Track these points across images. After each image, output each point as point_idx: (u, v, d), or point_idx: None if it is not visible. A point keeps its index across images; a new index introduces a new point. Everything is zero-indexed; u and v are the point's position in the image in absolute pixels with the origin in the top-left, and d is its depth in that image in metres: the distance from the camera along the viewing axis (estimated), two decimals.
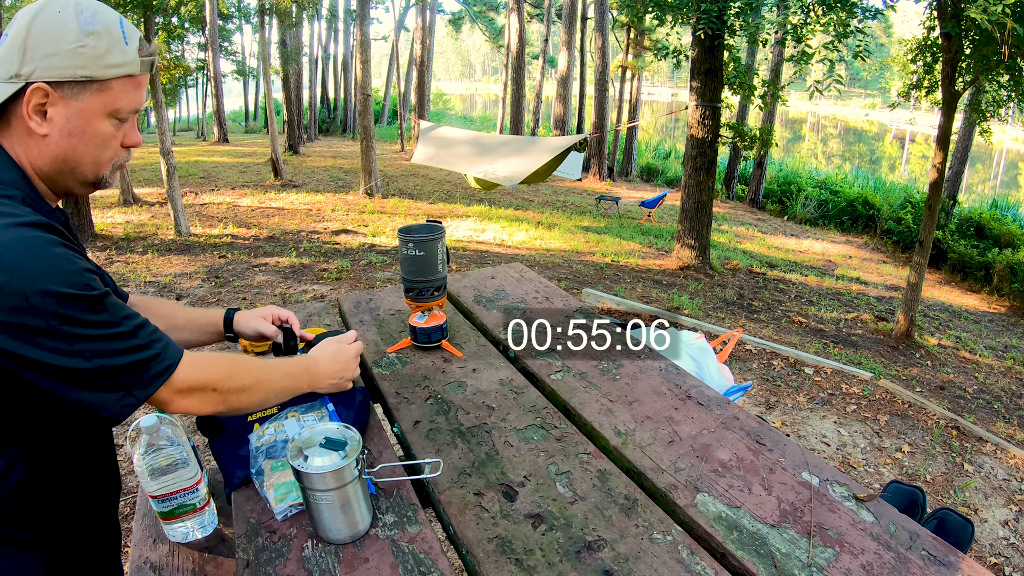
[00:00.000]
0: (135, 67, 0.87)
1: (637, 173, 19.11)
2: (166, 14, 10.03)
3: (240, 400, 0.97)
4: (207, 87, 26.21)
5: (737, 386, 2.42)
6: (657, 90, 68.17)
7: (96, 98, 0.85)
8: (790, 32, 6.83)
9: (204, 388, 0.91)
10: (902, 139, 39.31)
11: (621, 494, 1.05)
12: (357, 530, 0.96)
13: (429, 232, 1.53)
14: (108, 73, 0.84)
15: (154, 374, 0.85)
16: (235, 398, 0.96)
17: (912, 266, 6.37)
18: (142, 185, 11.65)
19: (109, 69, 0.84)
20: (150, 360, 0.85)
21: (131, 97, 0.89)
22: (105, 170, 0.91)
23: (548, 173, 6.56)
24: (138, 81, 0.89)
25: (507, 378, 1.43)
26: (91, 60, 0.82)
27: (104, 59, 0.83)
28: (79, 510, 0.99)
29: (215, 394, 0.93)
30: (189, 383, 0.89)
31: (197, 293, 5.71)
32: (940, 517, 1.82)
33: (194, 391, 0.90)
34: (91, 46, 0.82)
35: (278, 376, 1.04)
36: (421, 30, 20.25)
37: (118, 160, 0.93)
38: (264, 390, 1.01)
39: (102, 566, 1.11)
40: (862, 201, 14.88)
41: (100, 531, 1.07)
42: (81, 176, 0.89)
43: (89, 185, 0.92)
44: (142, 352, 0.84)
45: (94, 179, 0.91)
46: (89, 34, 0.82)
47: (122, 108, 0.88)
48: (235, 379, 0.95)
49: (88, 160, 0.88)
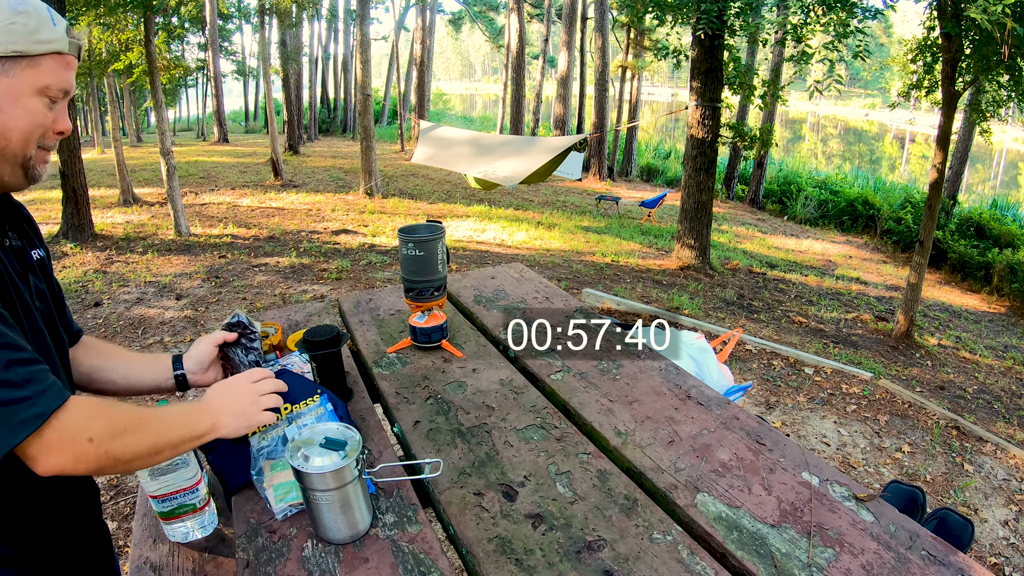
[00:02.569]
0: (63, 44, 0.89)
1: (637, 173, 19.10)
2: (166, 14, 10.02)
3: (124, 450, 0.84)
4: (207, 87, 26.23)
5: (737, 386, 2.42)
6: (657, 90, 68.15)
7: (27, 74, 0.86)
8: (790, 32, 6.83)
9: (77, 438, 0.79)
10: (902, 139, 39.30)
11: (621, 494, 1.05)
12: (357, 530, 0.96)
13: (429, 232, 1.53)
14: (38, 48, 0.86)
15: (20, 421, 0.74)
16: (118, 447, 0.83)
17: (912, 266, 6.37)
18: (142, 185, 11.65)
19: (39, 45, 0.86)
20: (18, 402, 0.75)
21: (60, 76, 0.89)
22: (32, 148, 0.89)
23: (548, 173, 6.56)
24: (67, 60, 0.90)
25: (507, 378, 1.43)
26: (22, 36, 0.84)
27: (34, 35, 0.85)
28: (54, 519, 0.99)
29: (90, 446, 0.80)
30: (63, 431, 0.78)
31: (197, 293, 5.71)
32: (940, 517, 1.82)
33: (66, 442, 0.78)
34: (21, 23, 0.84)
35: (170, 421, 0.92)
36: (421, 30, 20.25)
37: (46, 142, 0.91)
38: (153, 438, 0.88)
39: (94, 569, 1.11)
40: (862, 201, 14.88)
41: (83, 536, 1.07)
42: (11, 156, 0.88)
43: (19, 169, 0.89)
44: (9, 391, 0.74)
45: (23, 159, 0.89)
46: (19, 12, 0.84)
47: (51, 85, 0.88)
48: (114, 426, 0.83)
49: (17, 135, 0.87)
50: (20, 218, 1.00)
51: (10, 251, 0.92)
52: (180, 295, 5.66)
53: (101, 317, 5.08)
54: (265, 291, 5.78)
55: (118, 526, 2.71)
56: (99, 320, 5.02)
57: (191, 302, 5.48)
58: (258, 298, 5.58)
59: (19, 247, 0.95)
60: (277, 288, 5.87)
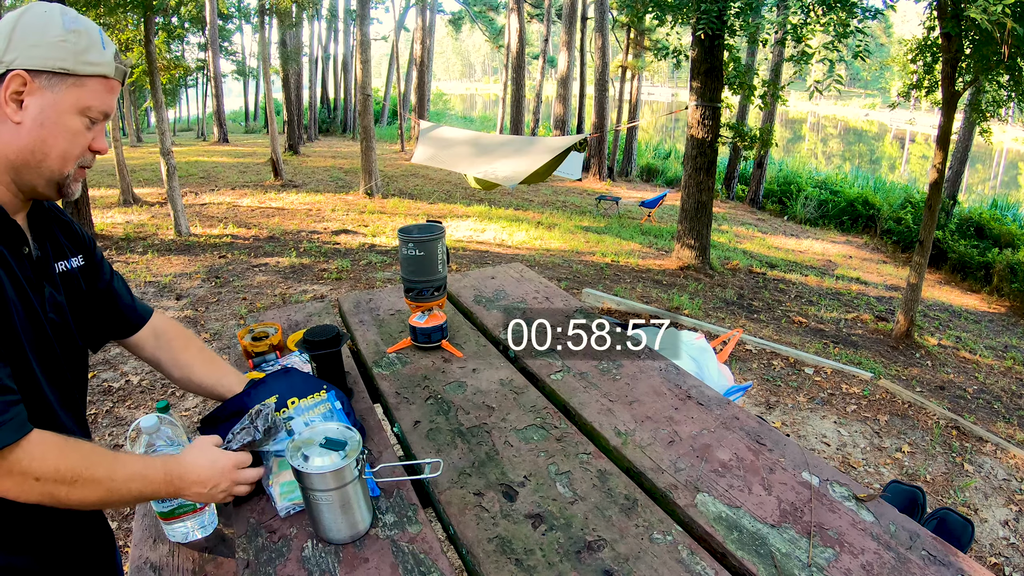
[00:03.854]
0: (110, 69, 0.90)
1: (637, 173, 19.10)
2: (166, 14, 10.02)
3: (70, 495, 0.85)
4: (207, 87, 26.21)
5: (737, 386, 2.42)
6: (657, 90, 68.14)
7: (71, 92, 0.87)
8: (790, 32, 6.83)
9: (24, 475, 0.81)
10: (902, 139, 39.29)
11: (621, 494, 1.05)
12: (357, 530, 0.96)
13: (429, 232, 1.53)
14: (85, 69, 0.87)
15: None
16: (63, 492, 0.84)
17: (912, 266, 6.37)
18: (142, 185, 11.65)
19: (86, 66, 0.87)
20: None
21: (103, 99, 0.91)
22: (70, 167, 0.91)
23: (548, 173, 6.56)
24: (111, 85, 0.92)
25: (507, 378, 1.43)
26: (71, 54, 0.86)
27: (83, 56, 0.87)
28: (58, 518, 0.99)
29: (36, 484, 0.82)
30: (10, 466, 0.80)
31: (197, 293, 5.71)
32: (940, 517, 1.82)
33: (13, 475, 0.81)
34: (72, 41, 0.86)
35: (125, 470, 0.91)
36: (421, 30, 20.24)
37: (83, 161, 0.93)
38: (103, 488, 0.88)
39: (97, 567, 1.11)
40: (862, 201, 14.87)
41: (85, 535, 1.08)
42: (47, 171, 0.89)
43: (54, 185, 0.91)
44: None
45: (59, 177, 0.91)
46: (71, 31, 0.86)
47: (93, 107, 0.90)
48: (63, 472, 0.84)
49: (56, 153, 0.89)
50: (52, 226, 1.00)
51: (26, 261, 0.92)
52: (180, 295, 5.65)
53: None
54: (265, 291, 5.78)
55: (118, 526, 2.71)
56: None
57: (191, 302, 5.48)
58: (258, 298, 5.58)
59: (40, 257, 0.95)
60: (277, 288, 5.87)
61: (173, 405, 3.78)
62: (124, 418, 3.61)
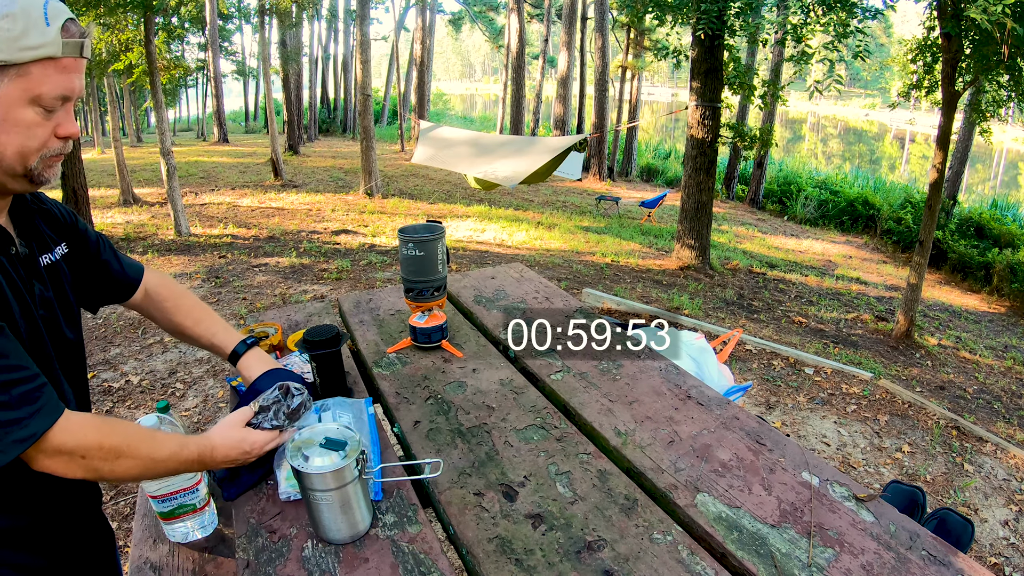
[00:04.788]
0: (55, 48, 0.80)
1: (637, 173, 19.10)
2: (166, 14, 10.02)
3: (114, 470, 0.87)
4: (207, 87, 26.22)
5: (737, 386, 2.42)
6: (657, 90, 68.14)
7: (15, 84, 0.79)
8: (790, 32, 6.83)
9: (72, 454, 0.83)
10: (902, 139, 39.28)
11: (621, 494, 1.05)
12: (357, 530, 0.96)
13: (429, 232, 1.53)
14: (23, 56, 0.78)
15: (12, 441, 0.77)
16: (107, 467, 0.87)
17: (912, 266, 6.37)
18: (142, 185, 11.65)
19: (24, 52, 0.78)
20: (11, 424, 0.77)
21: (54, 82, 0.82)
22: (32, 161, 0.84)
23: (548, 173, 6.56)
24: (62, 64, 0.82)
25: (507, 378, 1.43)
26: (5, 43, 0.77)
27: (19, 41, 0.77)
28: (57, 516, 0.99)
29: (83, 461, 0.84)
30: (56, 447, 0.82)
31: (197, 293, 5.70)
32: (940, 517, 1.82)
33: (61, 454, 0.82)
34: (5, 28, 0.76)
35: (164, 450, 0.93)
36: (421, 30, 20.24)
37: (49, 151, 0.86)
38: (142, 464, 0.90)
39: (97, 566, 1.11)
40: (862, 201, 14.87)
41: (87, 532, 1.08)
42: (7, 168, 0.83)
43: (21, 179, 0.86)
44: (4, 412, 0.77)
45: (23, 171, 0.85)
46: (4, 16, 0.76)
47: (44, 94, 0.81)
48: (107, 449, 0.86)
49: (11, 151, 0.82)
50: (34, 219, 0.98)
51: (16, 260, 0.91)
52: None
53: (101, 317, 5.08)
54: (265, 291, 5.78)
55: (118, 526, 2.71)
56: (99, 320, 5.02)
57: None
58: (258, 298, 5.58)
59: (27, 255, 0.94)
60: (277, 288, 5.87)
61: (173, 405, 3.78)
62: (124, 418, 3.61)
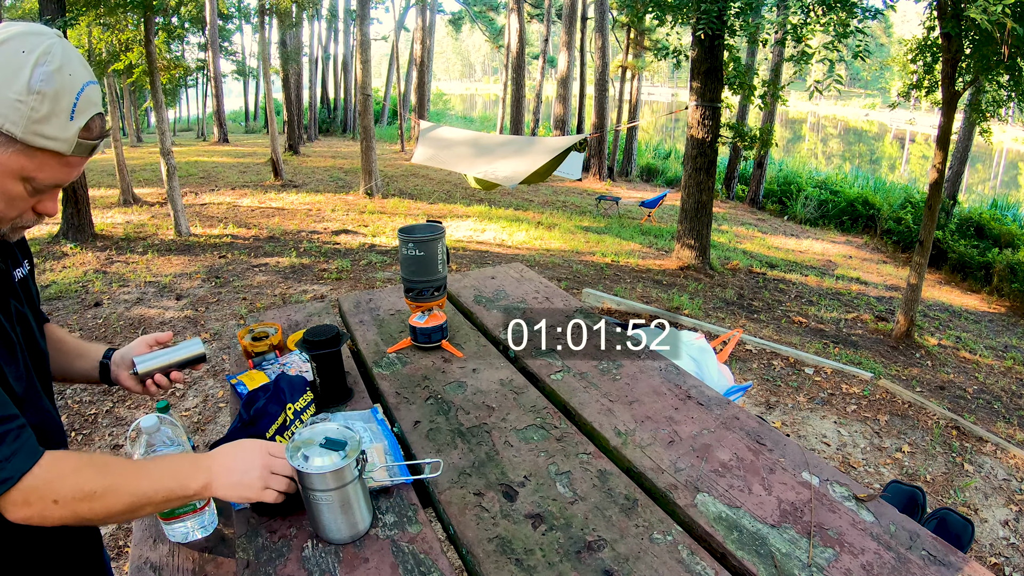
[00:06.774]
0: (66, 147, 0.78)
1: (637, 173, 19.10)
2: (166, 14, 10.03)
3: (95, 511, 0.83)
4: (207, 87, 26.21)
5: (737, 386, 2.42)
6: (657, 90, 68.14)
7: (16, 158, 0.76)
8: (790, 32, 6.83)
9: (43, 500, 0.80)
10: (902, 139, 39.29)
11: (621, 494, 1.05)
12: (357, 530, 0.96)
13: (429, 232, 1.53)
14: (35, 141, 0.76)
15: None
16: (85, 509, 0.82)
17: (912, 266, 6.37)
18: (142, 185, 11.65)
19: (37, 137, 0.76)
20: None
21: (53, 173, 0.80)
22: (4, 226, 0.84)
23: (548, 173, 6.56)
24: (68, 160, 0.81)
25: (507, 378, 1.43)
26: (24, 119, 0.74)
27: (37, 125, 0.75)
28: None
29: (57, 506, 0.81)
30: (27, 496, 0.79)
31: (197, 293, 5.71)
32: (940, 517, 1.82)
33: (31, 503, 0.80)
34: (30, 106, 0.74)
35: (152, 479, 0.87)
36: (421, 30, 20.24)
37: (22, 222, 0.85)
38: (126, 501, 0.85)
39: (83, 565, 1.10)
40: (862, 201, 14.87)
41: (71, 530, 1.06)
42: None
43: None
44: None
45: None
46: (35, 93, 0.74)
47: (39, 179, 0.80)
48: (85, 489, 0.82)
49: None
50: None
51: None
52: (180, 295, 5.65)
53: (101, 317, 5.08)
54: (265, 291, 5.78)
55: (118, 526, 2.71)
56: (99, 320, 5.02)
57: (191, 302, 5.48)
58: (258, 298, 5.58)
59: (3, 270, 0.92)
60: (277, 288, 5.87)
61: (173, 405, 3.78)
62: (124, 418, 3.61)
